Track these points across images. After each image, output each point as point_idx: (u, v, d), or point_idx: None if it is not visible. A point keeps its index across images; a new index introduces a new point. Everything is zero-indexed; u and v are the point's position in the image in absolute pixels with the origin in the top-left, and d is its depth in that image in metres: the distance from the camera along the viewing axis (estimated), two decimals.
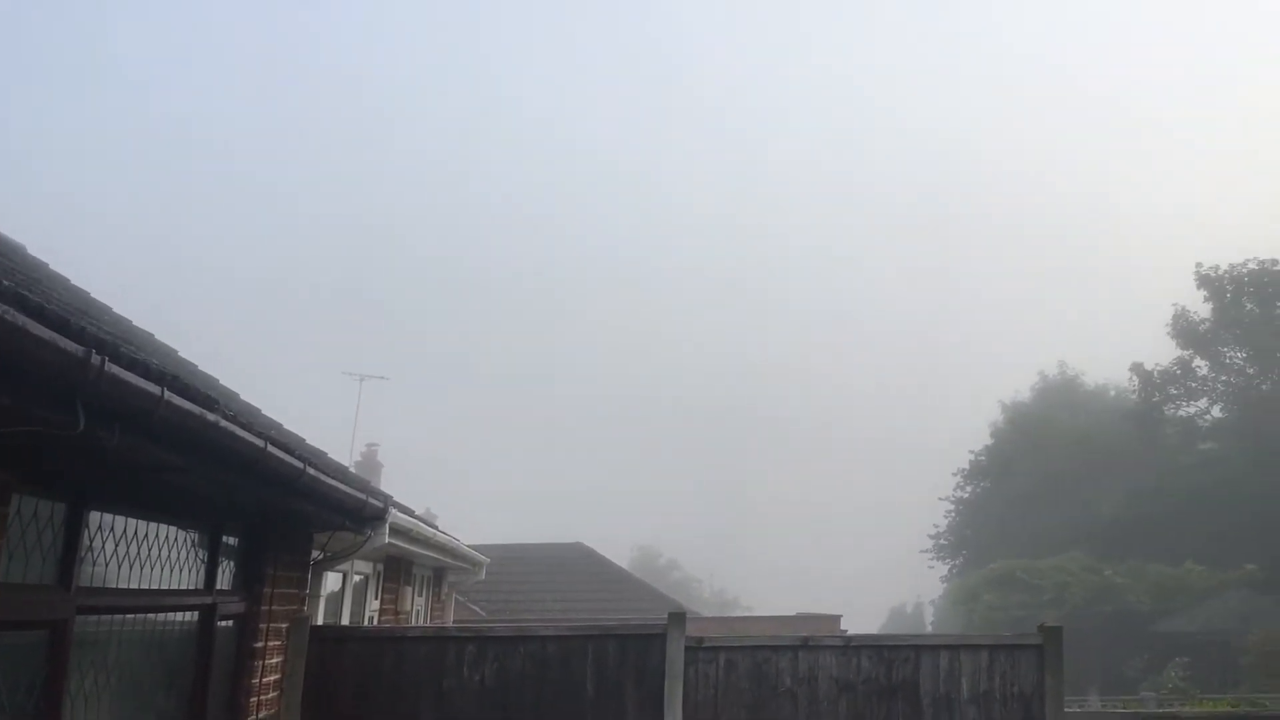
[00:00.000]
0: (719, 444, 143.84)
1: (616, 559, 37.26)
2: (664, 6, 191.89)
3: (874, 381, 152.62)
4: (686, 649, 8.00)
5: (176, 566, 5.56)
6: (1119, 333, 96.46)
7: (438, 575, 15.91)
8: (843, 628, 24.11)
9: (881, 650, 8.20)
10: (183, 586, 5.67)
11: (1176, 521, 41.73)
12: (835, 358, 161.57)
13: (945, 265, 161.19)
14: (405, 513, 9.90)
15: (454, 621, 17.52)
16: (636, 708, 7.88)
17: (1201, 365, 47.59)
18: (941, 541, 59.18)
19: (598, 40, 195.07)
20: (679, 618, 8.20)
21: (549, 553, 32.69)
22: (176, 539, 5.56)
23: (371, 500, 7.33)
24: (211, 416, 3.94)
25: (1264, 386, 45.09)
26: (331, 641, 7.91)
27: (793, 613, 28.78)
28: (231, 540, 6.40)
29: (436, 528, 13.26)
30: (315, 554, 8.17)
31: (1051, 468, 50.99)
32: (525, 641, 8.01)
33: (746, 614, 60.27)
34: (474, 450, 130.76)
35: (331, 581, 9.85)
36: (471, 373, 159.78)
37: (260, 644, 6.80)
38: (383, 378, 31.98)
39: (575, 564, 32.38)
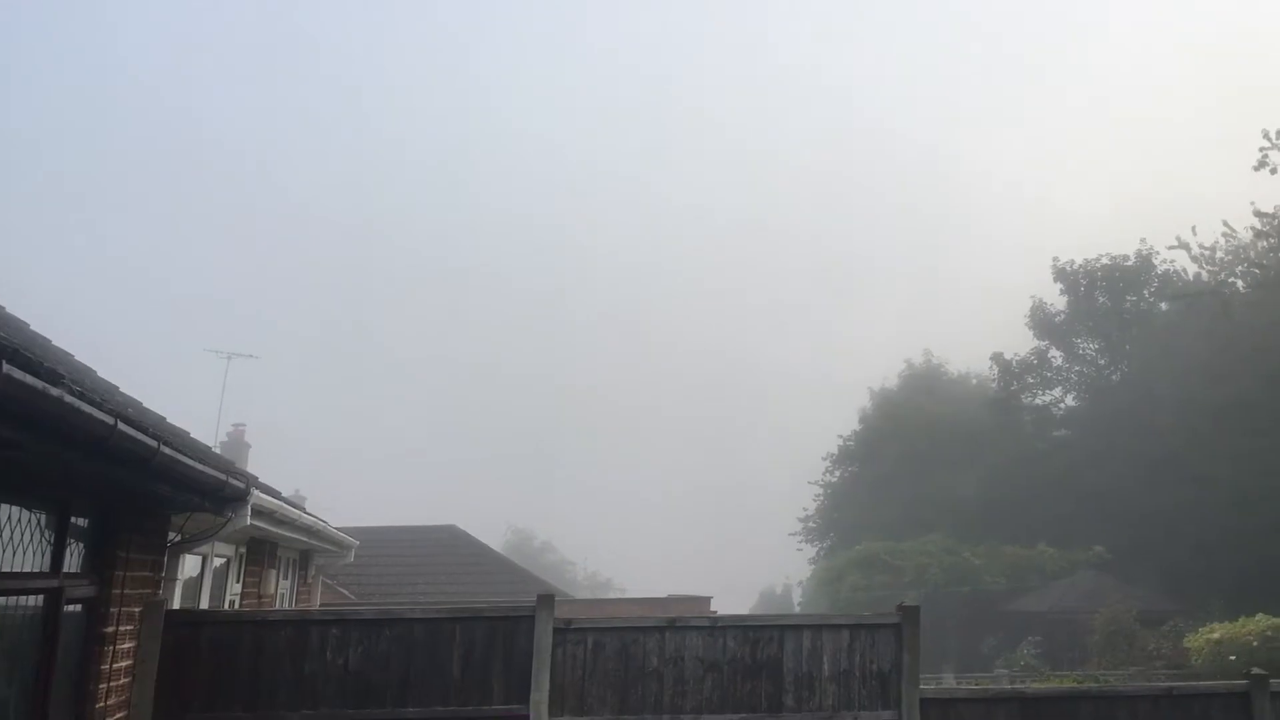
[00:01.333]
0: (599, 428, 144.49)
1: (490, 541, 37.04)
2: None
3: (753, 371, 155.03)
4: (555, 630, 8.01)
5: (19, 548, 5.31)
6: (984, 323, 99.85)
7: (304, 558, 15.57)
8: (713, 609, 24.44)
9: (747, 631, 8.36)
10: (26, 569, 5.42)
11: (1031, 504, 43.43)
12: (712, 343, 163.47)
13: (832, 253, 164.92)
14: (269, 494, 9.65)
15: (321, 605, 17.18)
16: (503, 689, 7.86)
17: (1057, 355, 49.66)
18: (810, 524, 60.46)
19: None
20: (548, 599, 8.20)
21: (421, 535, 32.28)
22: (20, 519, 5.31)
23: (232, 481, 7.13)
24: (55, 391, 3.77)
25: (1114, 377, 47.31)
26: (187, 626, 7.68)
27: (664, 594, 29.04)
28: (81, 521, 6.14)
29: (304, 510, 12.96)
30: (173, 536, 7.90)
31: (916, 453, 52.53)
32: (391, 624, 7.91)
33: (619, 596, 60.64)
34: (353, 433, 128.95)
35: (190, 565, 9.53)
36: (357, 359, 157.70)
37: (111, 629, 6.54)
38: (252, 356, 31.04)
39: (447, 546, 32.03)
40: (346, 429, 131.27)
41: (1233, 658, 21.24)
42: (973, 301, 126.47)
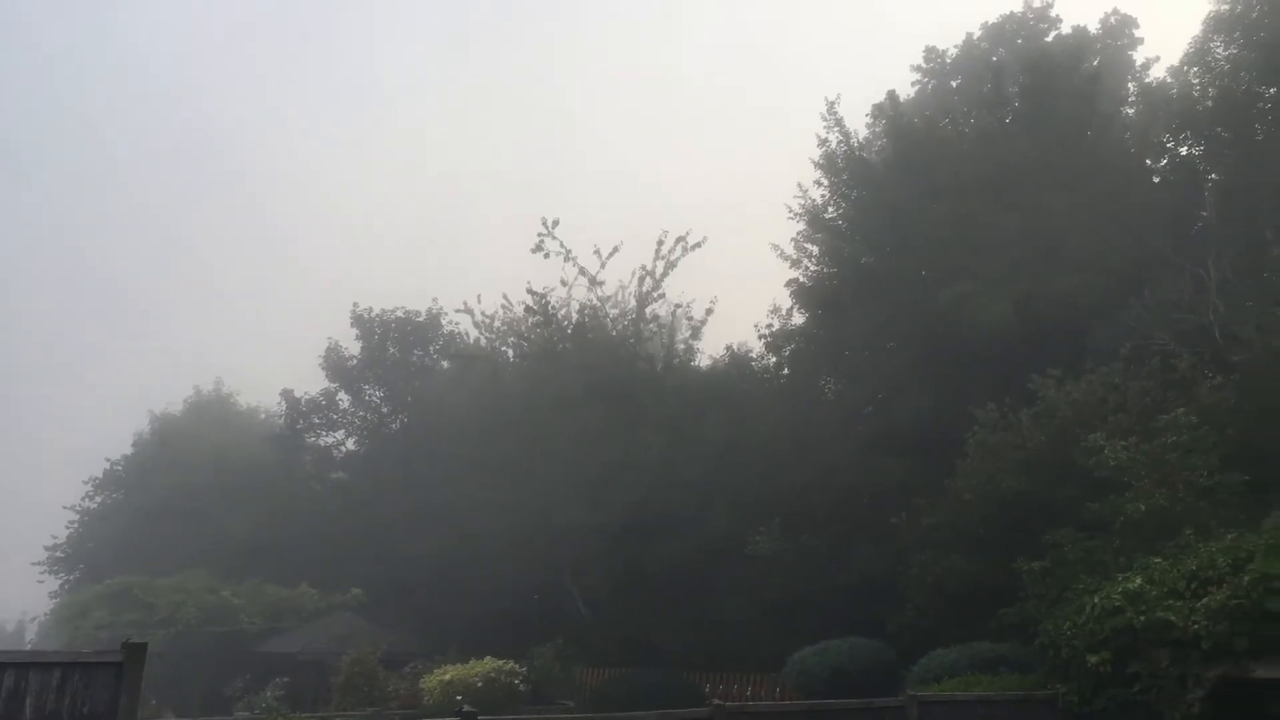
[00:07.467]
0: None
1: None
2: None
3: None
4: None
5: None
6: (291, 360, 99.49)
7: None
8: None
9: None
10: None
11: (302, 544, 43.55)
12: None
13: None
14: None
15: None
16: None
17: (345, 398, 50.61)
18: (59, 554, 54.46)
19: None
20: None
21: None
22: None
23: None
24: None
25: (394, 425, 49.45)
26: None
27: None
28: None
29: None
30: None
31: (193, 484, 50.47)
32: None
33: None
34: None
35: None
36: None
37: None
38: None
39: None
40: None
41: (459, 697, 23.04)
42: (282, 336, 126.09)
